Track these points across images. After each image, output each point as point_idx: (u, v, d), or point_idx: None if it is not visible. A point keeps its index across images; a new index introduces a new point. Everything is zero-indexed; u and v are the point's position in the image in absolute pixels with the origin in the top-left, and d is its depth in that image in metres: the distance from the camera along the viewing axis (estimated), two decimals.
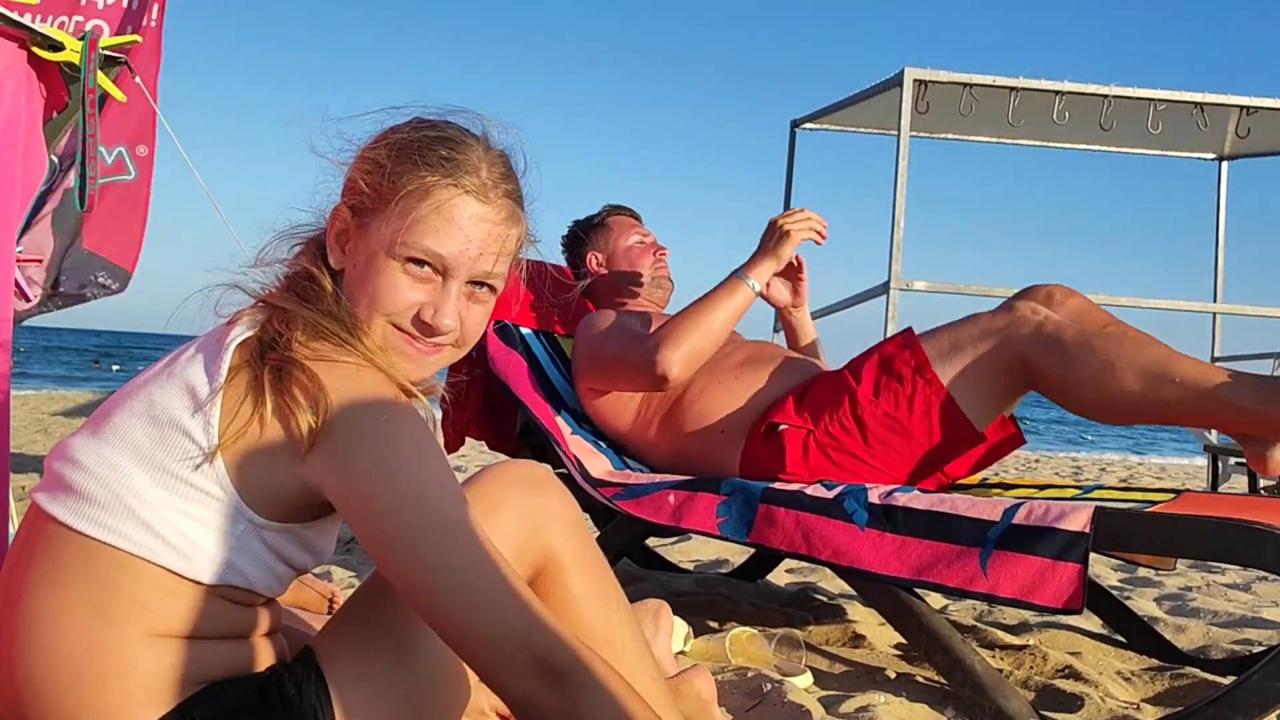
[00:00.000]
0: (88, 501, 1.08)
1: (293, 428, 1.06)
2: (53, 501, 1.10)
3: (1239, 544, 1.79)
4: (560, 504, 1.31)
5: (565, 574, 1.28)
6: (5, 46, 1.87)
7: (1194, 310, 5.94)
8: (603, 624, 1.30)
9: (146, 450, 1.08)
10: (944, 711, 1.96)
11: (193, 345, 1.17)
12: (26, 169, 1.84)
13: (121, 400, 1.14)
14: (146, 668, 1.06)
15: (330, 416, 1.05)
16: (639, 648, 1.33)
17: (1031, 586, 1.83)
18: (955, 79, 4.98)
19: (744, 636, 2.21)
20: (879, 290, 5.08)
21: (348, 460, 1.06)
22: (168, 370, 1.13)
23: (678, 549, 3.80)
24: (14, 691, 1.07)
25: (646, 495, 2.25)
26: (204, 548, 1.07)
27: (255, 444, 1.07)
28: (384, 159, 1.20)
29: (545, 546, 1.27)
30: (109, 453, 1.09)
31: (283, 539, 1.13)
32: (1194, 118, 5.19)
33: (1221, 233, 6.60)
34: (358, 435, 1.06)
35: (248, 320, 1.16)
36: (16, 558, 1.13)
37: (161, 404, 1.10)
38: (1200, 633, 2.75)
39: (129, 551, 1.06)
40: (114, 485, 1.07)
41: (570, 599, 1.28)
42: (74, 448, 1.12)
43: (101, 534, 1.06)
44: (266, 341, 1.11)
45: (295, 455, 1.06)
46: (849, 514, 2.03)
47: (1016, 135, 6.03)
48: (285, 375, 1.07)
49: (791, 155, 6.47)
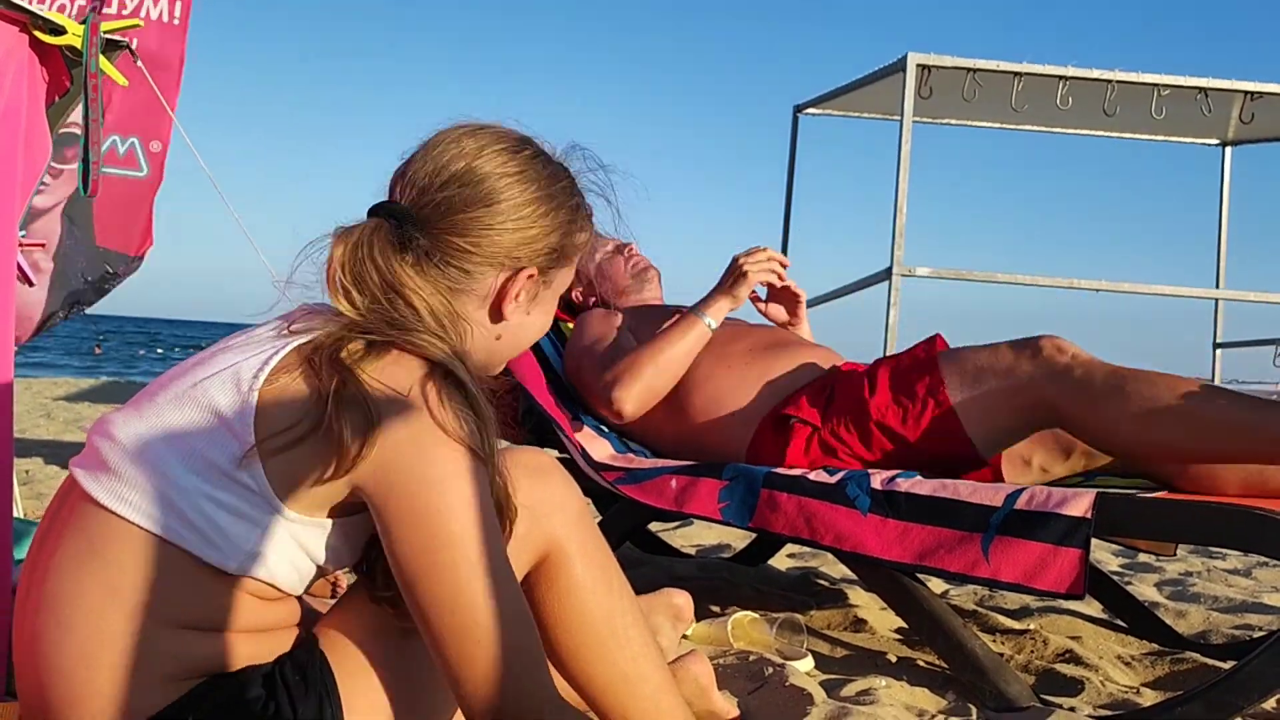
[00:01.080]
0: (120, 480, 1.07)
1: (340, 442, 1.05)
2: (87, 476, 1.10)
3: (1241, 529, 1.79)
4: (564, 492, 1.31)
5: (569, 562, 1.28)
6: (6, 30, 1.87)
7: (1196, 296, 5.94)
8: (605, 611, 1.30)
9: (183, 434, 1.07)
10: (945, 695, 1.96)
11: (246, 335, 1.16)
12: (29, 154, 1.83)
13: (169, 381, 1.13)
14: (160, 655, 1.06)
15: (380, 448, 1.05)
16: (642, 634, 1.33)
17: (1033, 572, 1.83)
18: (959, 64, 4.97)
19: (745, 620, 2.22)
20: (881, 276, 5.08)
21: (387, 496, 1.07)
22: (218, 357, 1.12)
23: (680, 534, 3.81)
24: (32, 664, 1.08)
25: (649, 480, 2.25)
26: (232, 537, 1.07)
27: (297, 449, 1.06)
28: (562, 217, 1.26)
29: (548, 534, 1.27)
30: (146, 433, 1.09)
31: (312, 534, 1.12)
32: (1198, 103, 5.18)
33: (1224, 219, 6.59)
34: (404, 474, 1.06)
35: (319, 326, 1.13)
36: (49, 528, 1.13)
37: (205, 389, 1.09)
38: (1201, 618, 2.76)
39: (154, 533, 1.06)
40: (149, 467, 1.07)
41: (573, 586, 1.28)
42: (115, 423, 1.12)
43: (130, 513, 1.06)
44: (331, 351, 1.08)
45: (336, 470, 1.06)
46: (851, 499, 2.03)
47: (1020, 121, 6.02)
48: (349, 391, 1.06)
49: (794, 141, 6.46)
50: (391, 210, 1.19)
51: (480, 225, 1.20)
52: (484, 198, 1.20)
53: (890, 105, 5.43)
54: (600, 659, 1.28)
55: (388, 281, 1.14)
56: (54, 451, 5.36)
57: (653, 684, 1.31)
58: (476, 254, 1.20)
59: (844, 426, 2.22)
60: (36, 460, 4.89)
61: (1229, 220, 6.60)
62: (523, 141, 1.26)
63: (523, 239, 1.22)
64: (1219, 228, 6.58)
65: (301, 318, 1.16)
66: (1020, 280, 5.36)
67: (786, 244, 6.73)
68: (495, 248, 1.21)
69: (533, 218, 1.22)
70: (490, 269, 1.22)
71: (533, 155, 1.26)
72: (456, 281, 1.20)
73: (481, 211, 1.20)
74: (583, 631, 1.28)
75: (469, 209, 1.19)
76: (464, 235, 1.19)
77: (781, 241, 6.76)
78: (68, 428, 7.14)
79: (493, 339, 1.27)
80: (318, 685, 1.10)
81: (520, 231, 1.22)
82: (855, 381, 2.27)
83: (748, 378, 2.39)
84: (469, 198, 1.19)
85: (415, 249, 1.18)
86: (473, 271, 1.21)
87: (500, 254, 1.21)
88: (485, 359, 1.28)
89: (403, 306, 1.14)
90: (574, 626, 1.28)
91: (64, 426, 7.21)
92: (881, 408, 2.20)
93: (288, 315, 1.18)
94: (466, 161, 1.21)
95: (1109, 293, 5.46)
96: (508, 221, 1.21)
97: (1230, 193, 6.59)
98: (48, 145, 1.99)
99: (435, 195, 1.19)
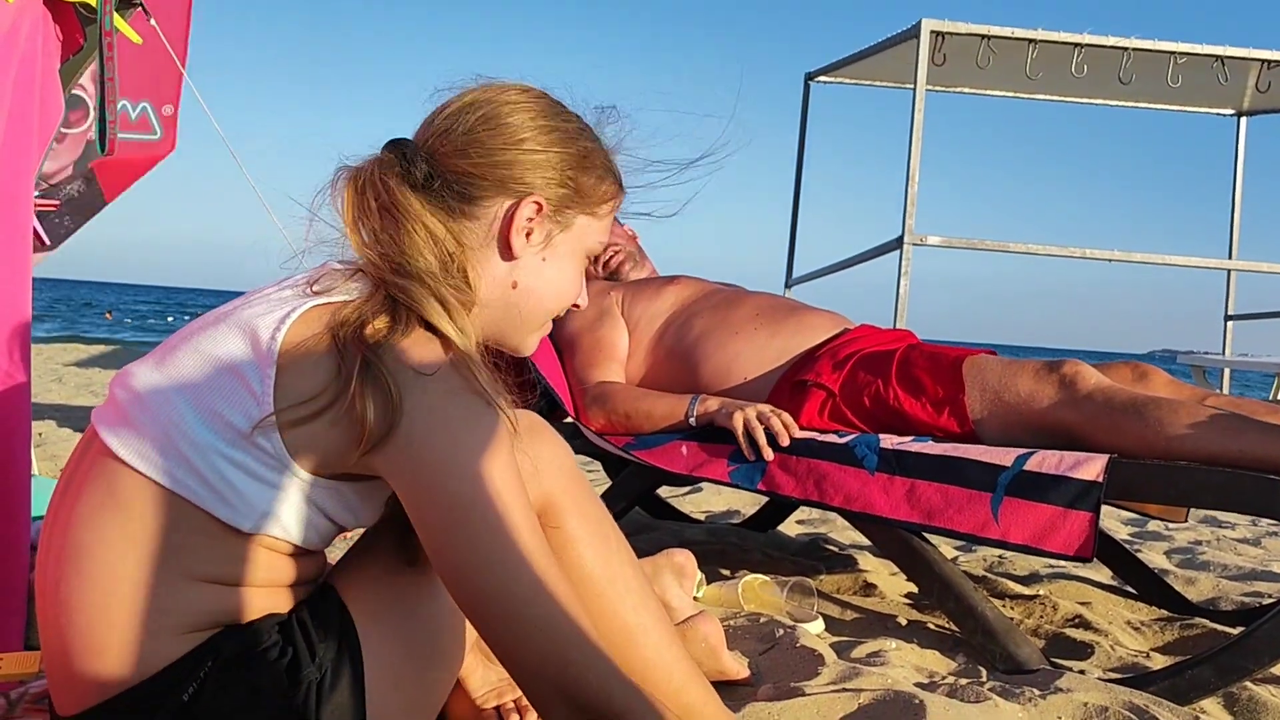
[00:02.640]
0: (137, 434, 1.07)
1: (362, 421, 1.03)
2: (107, 429, 1.09)
3: (1253, 494, 1.79)
4: (554, 449, 1.31)
5: (563, 517, 1.29)
6: None
7: (1209, 267, 5.92)
8: (604, 564, 1.31)
9: (200, 389, 1.06)
10: (955, 658, 1.98)
11: (268, 290, 1.14)
12: (44, 111, 1.83)
13: (188, 335, 1.12)
14: (178, 608, 1.06)
15: (404, 428, 1.03)
16: (642, 587, 1.34)
17: (1043, 534, 1.84)
18: (973, 30, 4.93)
19: (756, 583, 2.23)
20: (893, 245, 5.07)
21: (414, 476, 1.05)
22: (237, 311, 1.11)
23: (689, 499, 3.82)
24: (54, 613, 1.08)
25: (659, 446, 2.26)
26: (247, 496, 1.06)
27: (317, 421, 1.05)
28: (573, 151, 1.23)
29: (542, 491, 1.27)
30: (165, 386, 1.08)
31: (329, 495, 1.11)
32: (1214, 71, 5.14)
33: (1238, 189, 6.55)
34: (428, 456, 1.04)
35: (340, 287, 1.12)
36: (70, 479, 1.13)
37: (224, 345, 1.08)
38: (1210, 585, 2.77)
39: (172, 490, 1.05)
40: (163, 421, 1.06)
41: (570, 541, 1.29)
42: (135, 375, 1.11)
43: (147, 469, 1.06)
44: (357, 323, 1.06)
45: (355, 445, 1.05)
46: (859, 459, 2.04)
47: (1034, 89, 5.97)
48: (373, 371, 1.04)
49: (805, 109, 6.43)
50: (398, 143, 1.19)
51: (484, 147, 1.18)
52: (488, 120, 1.19)
53: (903, 73, 5.40)
54: (600, 612, 1.28)
55: (388, 206, 1.13)
56: (66, 415, 5.40)
57: (655, 635, 1.32)
58: (478, 175, 1.18)
59: (861, 400, 2.21)
60: (49, 423, 4.92)
61: (1243, 191, 6.57)
62: (544, 92, 1.25)
63: (529, 163, 1.19)
64: (1232, 198, 6.55)
65: (321, 275, 1.15)
66: (1033, 250, 5.34)
67: (796, 212, 6.72)
68: (499, 169, 1.18)
69: (538, 142, 1.20)
70: (494, 194, 1.19)
71: (553, 100, 1.25)
72: (460, 207, 1.18)
73: (485, 134, 1.18)
74: (581, 585, 1.27)
75: (473, 132, 1.18)
76: (467, 157, 1.18)
77: (791, 210, 6.74)
78: (79, 392, 7.18)
79: (508, 286, 1.22)
80: (335, 629, 1.11)
81: (527, 155, 1.19)
82: (881, 361, 2.25)
83: (758, 341, 2.38)
84: (474, 123, 1.18)
85: (419, 174, 1.17)
86: (477, 196, 1.18)
87: (505, 176, 1.19)
88: (503, 315, 1.23)
89: (407, 241, 1.12)
90: (573, 580, 1.26)
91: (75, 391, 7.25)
92: (899, 394, 2.19)
93: (310, 274, 1.17)
94: (477, 95, 1.21)
95: (1121, 263, 5.44)
96: (511, 141, 1.19)
97: (1245, 163, 6.56)
98: (60, 104, 1.98)
99: (442, 124, 1.19)
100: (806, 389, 2.26)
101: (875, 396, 2.20)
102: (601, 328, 2.51)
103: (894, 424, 2.19)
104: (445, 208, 1.17)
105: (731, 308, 2.47)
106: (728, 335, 2.41)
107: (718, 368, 2.39)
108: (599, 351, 2.47)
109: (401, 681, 1.14)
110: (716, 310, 2.47)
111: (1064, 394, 2.04)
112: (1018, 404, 2.08)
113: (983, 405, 2.12)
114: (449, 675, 1.22)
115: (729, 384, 2.38)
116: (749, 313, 2.45)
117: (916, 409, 2.16)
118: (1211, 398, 2.09)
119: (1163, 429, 1.89)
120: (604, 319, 2.53)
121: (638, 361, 2.51)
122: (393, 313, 1.08)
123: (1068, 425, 2.02)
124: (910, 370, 2.20)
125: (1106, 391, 2.00)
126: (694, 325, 2.46)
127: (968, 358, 2.19)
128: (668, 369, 2.47)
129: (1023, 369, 2.11)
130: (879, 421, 2.20)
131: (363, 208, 1.14)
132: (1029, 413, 2.07)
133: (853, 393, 2.22)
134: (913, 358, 2.23)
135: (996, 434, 2.11)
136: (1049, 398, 2.05)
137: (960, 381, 2.14)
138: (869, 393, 2.20)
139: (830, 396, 2.23)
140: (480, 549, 1.03)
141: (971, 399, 2.13)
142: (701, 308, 2.50)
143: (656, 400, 2.32)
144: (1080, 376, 2.04)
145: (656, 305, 2.55)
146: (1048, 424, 2.05)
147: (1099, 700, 1.64)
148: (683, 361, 2.44)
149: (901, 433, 2.16)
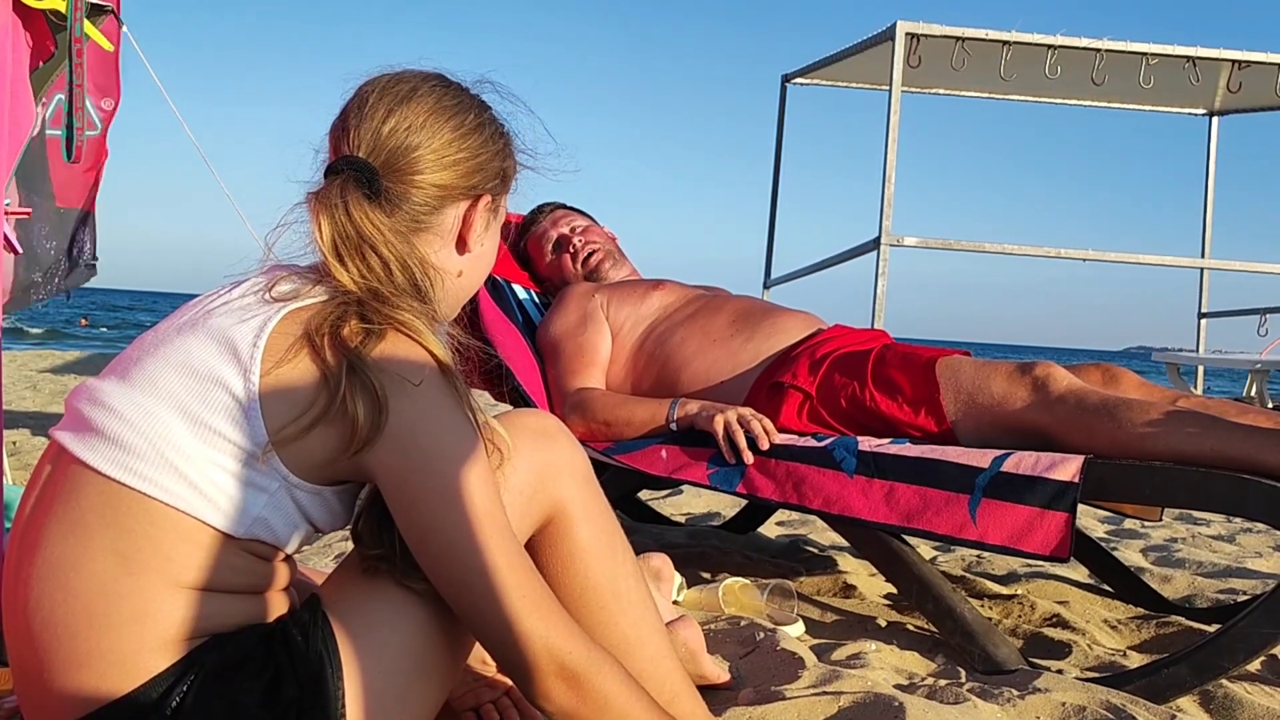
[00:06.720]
0: (122, 449, 1.07)
1: (354, 424, 1.08)
2: (81, 445, 1.09)
3: (1226, 493, 1.80)
4: (569, 455, 1.31)
5: (573, 525, 1.29)
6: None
7: (1182, 265, 5.97)
8: (609, 575, 1.31)
9: (185, 402, 1.08)
10: (934, 659, 1.98)
11: (226, 295, 1.16)
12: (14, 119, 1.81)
13: (152, 348, 1.12)
14: (164, 616, 1.06)
15: (391, 424, 1.09)
16: (644, 598, 1.34)
17: (1020, 534, 1.85)
18: (948, 32, 4.96)
19: (736, 587, 2.23)
20: (870, 246, 5.09)
21: (404, 465, 1.10)
22: (203, 321, 1.12)
23: (670, 502, 3.82)
24: (30, 635, 1.07)
25: (639, 449, 2.26)
26: (237, 501, 1.08)
27: (311, 429, 1.08)
28: (499, 141, 1.29)
29: (554, 498, 1.28)
30: (146, 401, 1.08)
31: (313, 500, 1.13)
32: (1186, 72, 5.19)
33: (1211, 188, 6.61)
34: (415, 446, 1.10)
35: (308, 289, 1.15)
36: (37, 501, 1.12)
37: (200, 356, 1.09)
38: (1186, 582, 2.79)
39: (163, 501, 1.06)
40: (151, 434, 1.07)
41: (578, 550, 1.29)
42: (104, 392, 1.11)
43: (136, 482, 1.06)
44: (333, 328, 1.10)
45: (345, 447, 1.09)
46: (838, 461, 2.04)
47: (1009, 90, 6.01)
48: (358, 374, 1.08)
49: (782, 110, 6.44)
50: (352, 163, 1.20)
51: (437, 161, 1.22)
52: (432, 134, 1.22)
53: (879, 75, 5.42)
54: (601, 623, 1.29)
55: (362, 234, 1.16)
56: (40, 423, 5.34)
57: (652, 647, 1.33)
58: (439, 188, 1.23)
59: (839, 399, 2.22)
60: (23, 432, 4.87)
61: (1215, 190, 6.63)
62: (440, 77, 1.29)
63: (475, 165, 1.25)
64: (1205, 197, 6.60)
65: (279, 279, 1.16)
66: (1008, 250, 5.37)
67: (774, 213, 6.73)
68: (455, 179, 1.24)
69: (478, 145, 1.26)
70: (452, 201, 1.25)
71: (458, 89, 1.29)
72: (421, 221, 1.23)
73: (433, 150, 1.22)
74: (585, 595, 1.29)
75: (421, 148, 1.22)
76: (423, 173, 1.22)
77: (769, 211, 6.75)
78: (54, 399, 7.11)
79: (455, 277, 1.29)
80: (318, 645, 1.11)
81: (473, 159, 1.25)
82: (858, 361, 2.25)
83: (732, 347, 2.40)
84: (418, 142, 1.22)
85: (384, 196, 1.20)
86: (439, 206, 1.24)
87: (460, 184, 1.25)
88: (445, 298, 1.29)
89: (376, 263, 1.16)
90: (576, 590, 1.29)
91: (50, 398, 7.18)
92: (875, 395, 2.19)
93: (264, 276, 1.18)
94: (404, 104, 1.23)
95: (1095, 262, 5.48)
96: (460, 151, 1.24)
97: (1216, 163, 6.61)
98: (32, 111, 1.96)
99: (387, 142, 1.21)
100: (784, 391, 2.26)
101: (852, 398, 2.21)
102: (584, 333, 2.51)
103: (871, 425, 2.20)
104: (408, 226, 1.22)
105: (711, 315, 2.48)
106: (707, 343, 2.43)
107: (696, 374, 2.41)
108: (580, 358, 2.47)
109: (384, 699, 1.13)
110: (697, 317, 2.48)
111: (1037, 396, 2.05)
112: (991, 406, 2.10)
113: (957, 407, 2.13)
114: (438, 692, 1.21)
115: (706, 388, 2.39)
116: (726, 319, 2.46)
117: (894, 409, 2.17)
118: (1182, 399, 2.10)
119: (1135, 430, 1.91)
120: (587, 323, 2.53)
121: (620, 366, 2.51)
122: (363, 315, 1.12)
123: (1041, 427, 2.03)
124: (885, 370, 2.21)
125: (1079, 393, 2.01)
126: (675, 332, 2.48)
127: (940, 359, 2.20)
128: (649, 374, 2.48)
129: (995, 371, 2.12)
130: (856, 423, 2.21)
131: (336, 234, 1.16)
132: (1003, 415, 2.08)
133: (829, 394, 2.23)
134: (888, 358, 2.24)
135: (972, 434, 2.12)
136: (1022, 400, 2.06)
137: (935, 381, 2.15)
138: (846, 394, 2.22)
139: (807, 399, 2.24)
140: (463, 529, 1.09)
141: (947, 400, 2.14)
142: (683, 315, 2.52)
143: (636, 406, 2.32)
144: (1052, 379, 2.05)
145: (641, 310, 2.56)
146: (1022, 425, 2.06)
147: (1077, 700, 1.65)
148: (663, 367, 2.45)
149: (879, 434, 2.17)
